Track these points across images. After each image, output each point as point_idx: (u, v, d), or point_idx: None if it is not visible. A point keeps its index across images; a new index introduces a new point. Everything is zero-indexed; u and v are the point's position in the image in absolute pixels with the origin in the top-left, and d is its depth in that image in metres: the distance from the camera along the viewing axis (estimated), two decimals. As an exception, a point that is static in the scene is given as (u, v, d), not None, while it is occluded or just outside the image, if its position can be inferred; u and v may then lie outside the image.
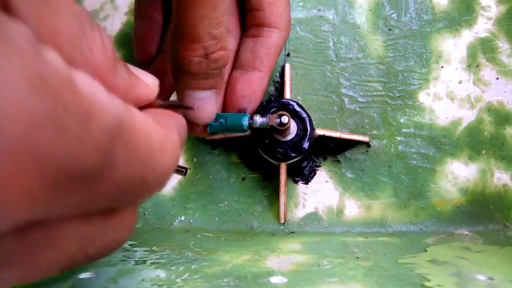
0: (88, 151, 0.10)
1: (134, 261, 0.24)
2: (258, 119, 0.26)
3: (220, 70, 0.22)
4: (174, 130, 0.15)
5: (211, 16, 0.19)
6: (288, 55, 0.32)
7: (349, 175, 0.32)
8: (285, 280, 0.21)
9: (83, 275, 0.22)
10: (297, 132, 0.28)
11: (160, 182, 0.14)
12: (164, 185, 0.14)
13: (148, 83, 0.17)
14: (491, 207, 0.31)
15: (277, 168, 0.31)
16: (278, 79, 0.32)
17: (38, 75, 0.09)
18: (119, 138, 0.11)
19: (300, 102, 0.29)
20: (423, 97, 0.32)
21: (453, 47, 0.33)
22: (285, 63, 0.32)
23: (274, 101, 0.30)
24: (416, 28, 0.33)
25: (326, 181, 0.32)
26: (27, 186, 0.08)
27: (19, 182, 0.08)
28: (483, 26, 0.33)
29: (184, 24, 0.20)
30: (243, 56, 0.27)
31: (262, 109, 0.28)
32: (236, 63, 0.27)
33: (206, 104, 0.23)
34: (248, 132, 0.28)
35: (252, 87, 0.26)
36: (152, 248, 0.27)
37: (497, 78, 0.32)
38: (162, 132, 0.14)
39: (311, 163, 0.32)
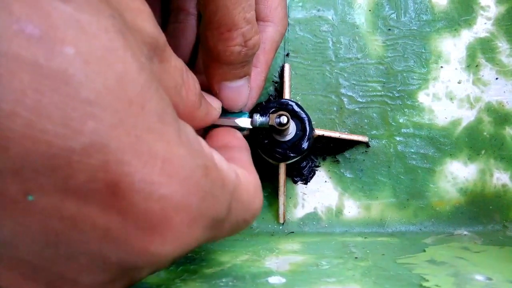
0: (223, 207, 0.15)
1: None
2: (258, 119, 0.26)
3: (253, 56, 0.22)
4: (254, 169, 0.19)
5: (242, 0, 0.19)
6: (287, 55, 0.32)
7: (348, 175, 0.32)
8: (284, 280, 0.22)
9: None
10: (296, 132, 0.28)
11: (254, 218, 0.18)
12: (255, 218, 0.19)
13: (215, 107, 0.21)
14: (490, 207, 0.31)
15: (276, 168, 0.31)
16: (277, 79, 0.32)
17: (205, 164, 0.14)
18: (234, 195, 0.16)
19: (299, 102, 0.29)
20: (423, 97, 0.32)
21: (452, 47, 0.33)
22: (284, 63, 0.32)
23: (273, 101, 0.30)
24: (415, 28, 0.33)
25: (325, 181, 0.32)
26: (195, 226, 0.14)
27: (192, 224, 0.13)
28: (482, 26, 0.33)
29: (219, 14, 0.19)
30: None
31: (262, 109, 0.28)
32: None
33: (241, 92, 0.23)
34: (246, 132, 0.28)
35: (251, 84, 0.26)
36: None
37: (497, 78, 0.32)
38: (254, 180, 0.18)
39: (310, 163, 0.32)
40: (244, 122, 0.25)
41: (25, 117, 0.10)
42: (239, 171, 0.18)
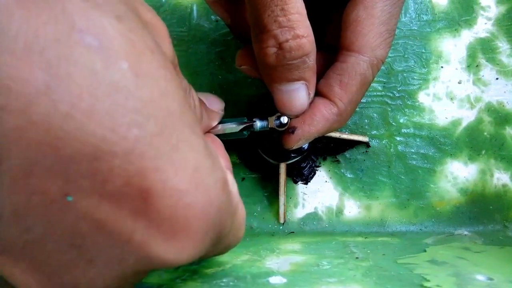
0: (228, 223, 0.16)
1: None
2: (258, 123, 0.25)
3: (304, 60, 0.21)
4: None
5: (270, 3, 0.19)
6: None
7: (349, 175, 0.32)
8: (284, 280, 0.21)
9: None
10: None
11: (233, 247, 0.19)
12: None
13: (216, 110, 0.22)
14: (491, 207, 0.31)
15: (277, 168, 0.31)
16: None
17: (224, 180, 0.15)
18: (234, 214, 0.17)
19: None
20: (423, 97, 0.32)
21: (452, 47, 0.33)
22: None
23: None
24: (415, 28, 0.33)
25: (326, 181, 0.32)
26: (208, 236, 0.14)
27: (206, 234, 0.14)
28: (482, 26, 0.33)
29: (252, 16, 0.20)
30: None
31: (261, 112, 0.28)
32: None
33: (294, 96, 0.22)
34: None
35: (313, 110, 0.24)
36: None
37: (497, 78, 0.32)
38: (243, 211, 0.19)
39: (310, 163, 0.32)
40: (244, 125, 0.25)
41: (79, 120, 0.11)
42: (238, 197, 0.18)
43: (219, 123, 0.24)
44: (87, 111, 0.11)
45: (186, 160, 0.13)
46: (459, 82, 0.32)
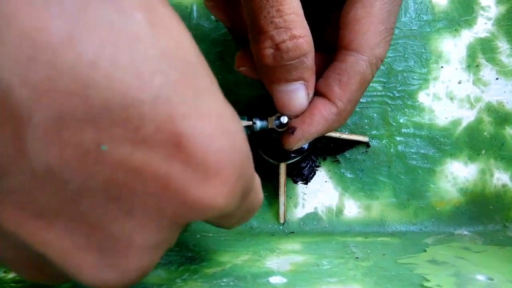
0: (250, 177, 0.15)
1: (134, 261, 0.24)
2: (258, 123, 0.26)
3: (302, 60, 0.21)
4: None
5: (266, 4, 0.19)
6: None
7: (349, 175, 0.32)
8: (285, 280, 0.21)
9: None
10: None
11: (258, 208, 0.19)
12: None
13: None
14: (491, 207, 0.31)
15: (277, 168, 0.31)
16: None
17: (243, 129, 0.15)
18: (253, 169, 0.16)
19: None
20: (423, 97, 0.32)
21: (452, 47, 0.33)
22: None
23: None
24: (415, 28, 0.33)
25: (326, 181, 0.32)
26: (239, 183, 0.14)
27: (237, 180, 0.14)
28: (482, 26, 0.33)
29: (249, 18, 0.20)
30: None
31: (261, 112, 0.28)
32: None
33: (293, 97, 0.22)
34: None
35: (312, 110, 0.24)
36: (152, 248, 0.26)
37: (497, 78, 0.32)
38: (257, 177, 0.18)
39: (310, 163, 0.32)
40: (244, 125, 0.25)
41: (105, 68, 0.11)
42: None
43: None
44: (111, 59, 0.11)
45: (209, 107, 0.13)
46: (459, 82, 0.32)
